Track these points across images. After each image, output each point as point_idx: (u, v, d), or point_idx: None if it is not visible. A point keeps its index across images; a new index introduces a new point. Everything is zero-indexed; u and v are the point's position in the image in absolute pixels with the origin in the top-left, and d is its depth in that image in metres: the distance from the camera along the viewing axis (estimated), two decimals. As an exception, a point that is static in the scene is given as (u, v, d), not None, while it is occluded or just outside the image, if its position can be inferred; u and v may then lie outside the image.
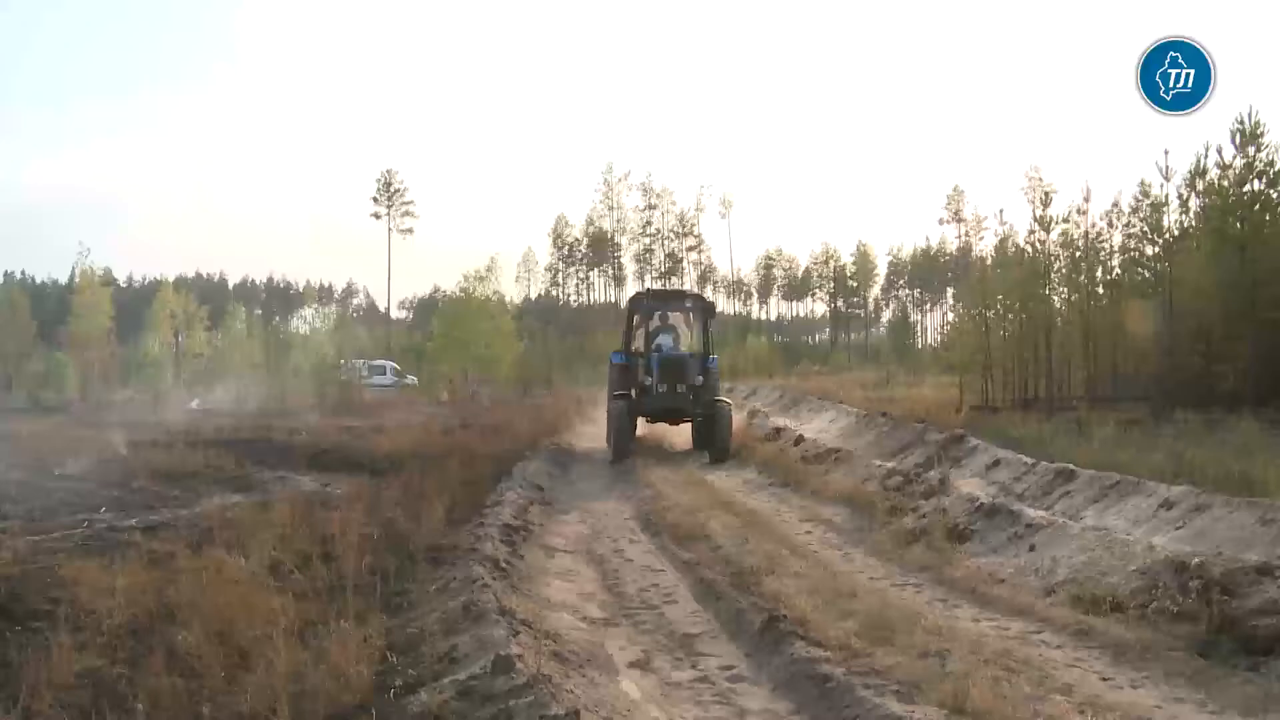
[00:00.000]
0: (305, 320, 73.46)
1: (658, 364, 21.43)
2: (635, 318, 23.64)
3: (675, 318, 24.23)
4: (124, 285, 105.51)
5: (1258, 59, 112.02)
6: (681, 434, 23.19)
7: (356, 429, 26.10)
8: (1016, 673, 6.57)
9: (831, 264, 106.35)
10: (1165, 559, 8.41)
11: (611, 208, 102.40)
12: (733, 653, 7.42)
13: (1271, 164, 25.13)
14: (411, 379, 54.82)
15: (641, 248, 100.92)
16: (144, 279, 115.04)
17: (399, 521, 11.17)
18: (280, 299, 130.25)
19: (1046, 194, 30.45)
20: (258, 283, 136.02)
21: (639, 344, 23.24)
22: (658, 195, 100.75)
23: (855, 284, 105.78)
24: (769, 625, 7.46)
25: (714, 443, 20.74)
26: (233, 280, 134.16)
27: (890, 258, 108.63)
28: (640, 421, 22.33)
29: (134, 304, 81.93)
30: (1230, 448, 13.64)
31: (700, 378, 21.68)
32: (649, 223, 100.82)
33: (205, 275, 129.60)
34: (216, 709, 5.68)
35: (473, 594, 7.61)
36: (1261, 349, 23.26)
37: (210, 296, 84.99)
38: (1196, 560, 8.06)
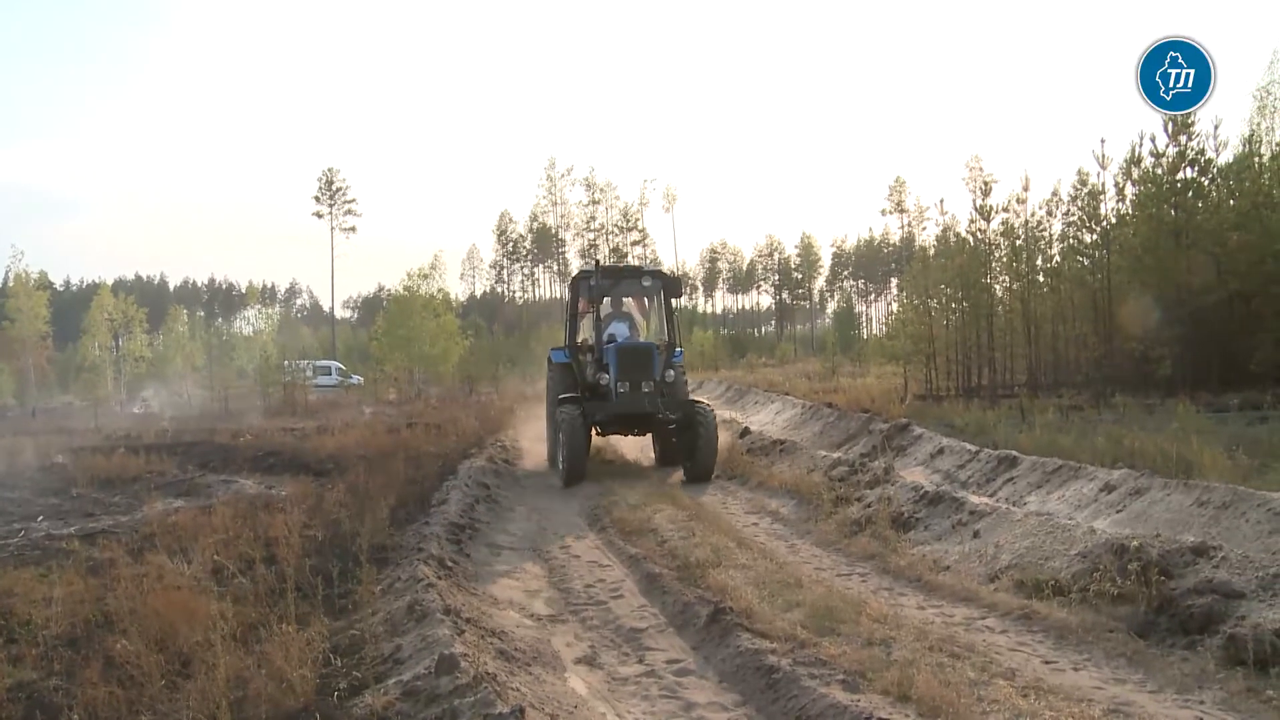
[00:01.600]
0: (248, 321, 72.91)
1: (615, 356, 17.06)
2: (580, 302, 18.95)
3: (628, 304, 20.05)
4: (61, 289, 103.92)
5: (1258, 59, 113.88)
6: (631, 444, 20.18)
7: (301, 430, 25.88)
8: (961, 659, 6.63)
9: (776, 256, 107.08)
10: (1106, 542, 8.53)
11: (555, 203, 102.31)
12: (679, 646, 7.42)
13: (1202, 152, 25.66)
14: (357, 379, 54.45)
15: (586, 243, 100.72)
16: (82, 282, 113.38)
17: (343, 522, 11.10)
18: (223, 300, 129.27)
19: (986, 184, 30.71)
20: (199, 284, 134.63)
21: (588, 335, 19.11)
22: (601, 190, 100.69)
23: (800, 275, 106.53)
24: (715, 618, 7.47)
25: (695, 458, 16.26)
26: (174, 282, 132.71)
27: (834, 249, 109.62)
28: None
29: (72, 307, 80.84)
30: (1167, 432, 13.85)
31: (671, 373, 17.54)
32: (593, 218, 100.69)
33: (145, 277, 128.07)
34: (156, 717, 5.59)
35: (417, 594, 7.56)
36: (1197, 334, 23.68)
37: (150, 299, 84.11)
38: (1135, 543, 8.18)
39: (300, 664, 6.03)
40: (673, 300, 18.88)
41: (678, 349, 18.47)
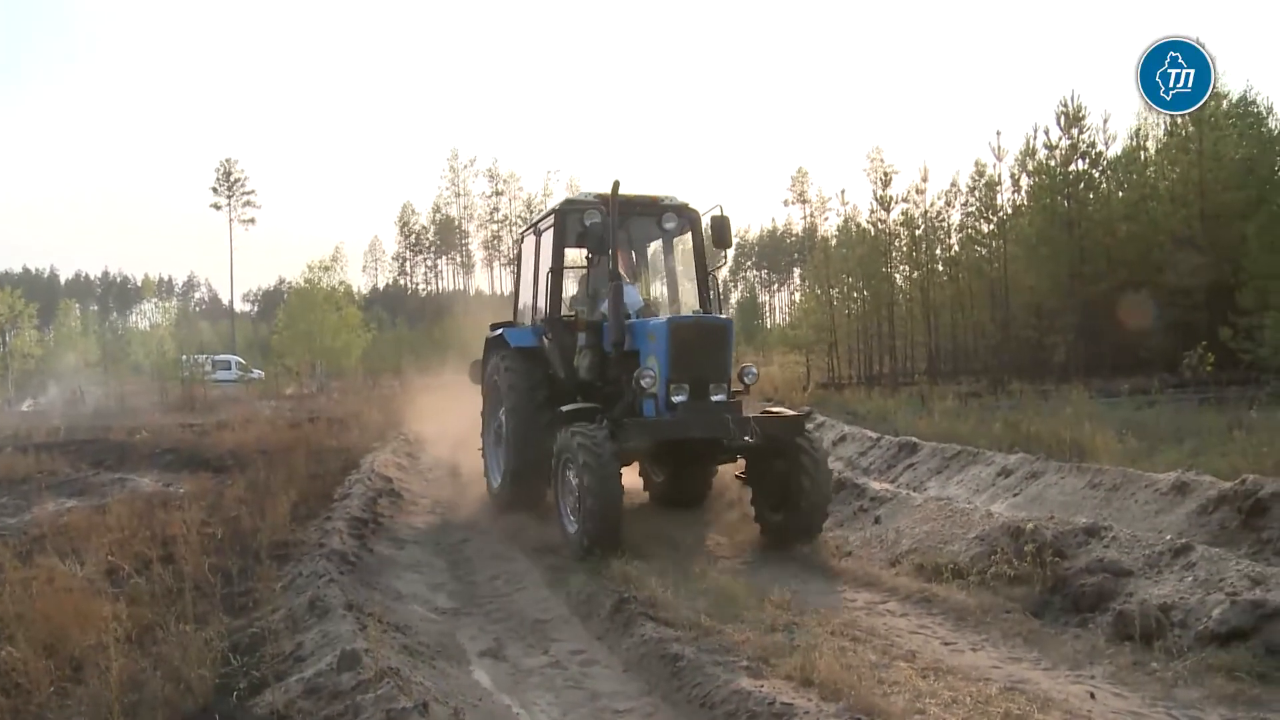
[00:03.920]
0: (145, 315, 71.36)
1: (668, 340, 10.26)
2: (565, 251, 12.45)
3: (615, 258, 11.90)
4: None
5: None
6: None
7: (200, 426, 25.35)
8: (862, 642, 6.77)
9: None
10: (1002, 525, 8.77)
11: (458, 194, 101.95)
12: (583, 637, 7.42)
13: (1093, 145, 26.49)
14: (257, 373, 53.55)
15: (489, 234, 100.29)
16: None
17: (243, 519, 10.88)
18: (117, 294, 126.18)
19: (887, 174, 31.30)
20: (92, 277, 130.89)
21: (579, 306, 12.57)
22: (505, 181, 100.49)
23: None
24: (619, 608, 7.48)
25: (798, 506, 10.04)
26: (65, 275, 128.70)
27: (737, 239, 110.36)
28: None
29: (-45, 303, 78.12)
30: (1062, 417, 14.22)
31: (752, 372, 11.30)
32: (496, 209, 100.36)
33: (34, 270, 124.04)
34: (44, 726, 5.44)
35: (319, 589, 7.44)
36: (1088, 322, 24.38)
37: (40, 293, 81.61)
38: (1031, 525, 8.43)
39: (199, 664, 5.89)
40: (707, 248, 12.73)
41: None
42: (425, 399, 27.11)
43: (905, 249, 31.04)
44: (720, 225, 11.94)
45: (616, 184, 10.98)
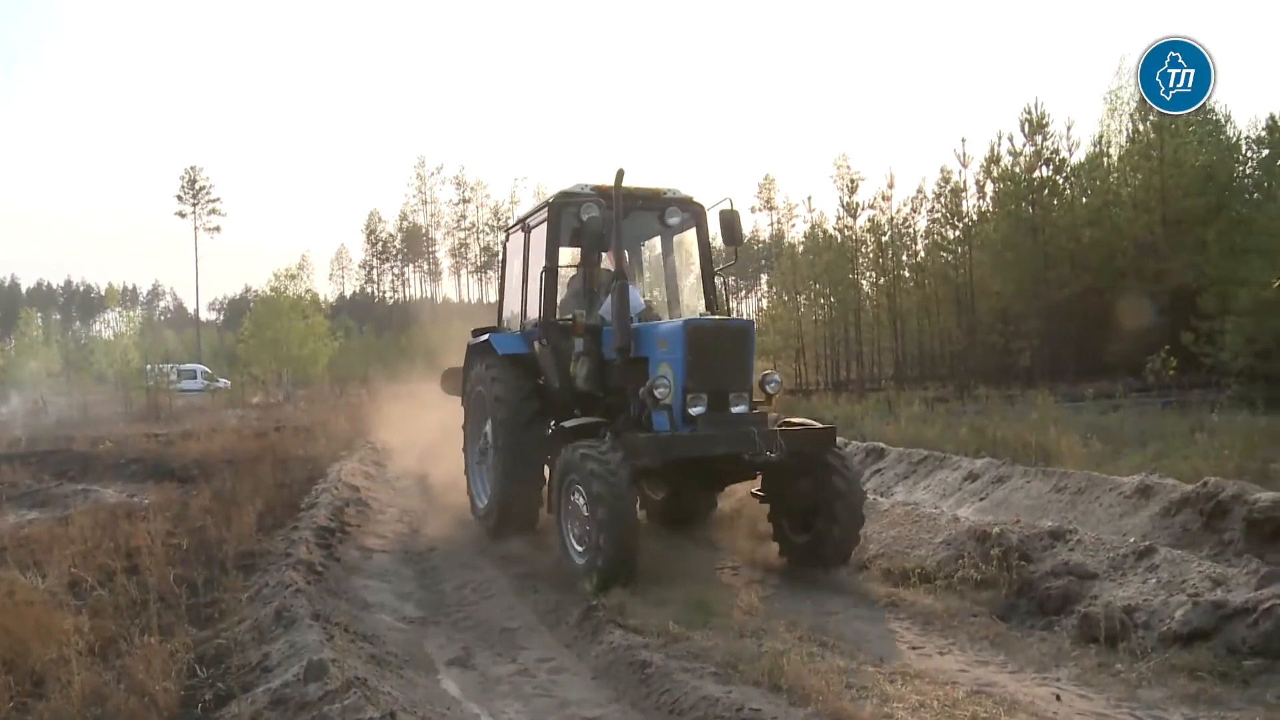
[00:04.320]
0: (108, 325, 70.83)
1: (685, 344, 9.15)
2: (556, 248, 11.06)
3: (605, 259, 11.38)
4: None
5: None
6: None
7: (165, 436, 25.10)
8: (830, 647, 6.79)
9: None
10: (969, 529, 8.83)
11: (425, 202, 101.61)
12: (552, 644, 7.40)
13: (1057, 152, 26.79)
14: (223, 382, 53.19)
15: (457, 242, 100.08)
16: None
17: (209, 529, 10.78)
18: (80, 303, 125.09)
19: (853, 181, 31.48)
20: (55, 286, 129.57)
21: (575, 309, 11.03)
22: (472, 188, 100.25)
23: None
24: (587, 615, 7.46)
25: (830, 530, 9.12)
26: (26, 284, 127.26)
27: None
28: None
29: (-86, 313, 77.32)
30: (1027, 421, 14.33)
31: (775, 380, 10.31)
32: (464, 216, 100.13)
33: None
34: (4, 742, 5.37)
35: (285, 599, 7.38)
36: (1053, 326, 24.60)
37: (1, 302, 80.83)
38: (997, 529, 8.50)
39: (163, 676, 5.83)
40: (711, 244, 12.12)
41: None
42: (393, 407, 26.97)
43: (872, 255, 31.22)
44: (730, 220, 11.03)
45: (620, 173, 9.69)
